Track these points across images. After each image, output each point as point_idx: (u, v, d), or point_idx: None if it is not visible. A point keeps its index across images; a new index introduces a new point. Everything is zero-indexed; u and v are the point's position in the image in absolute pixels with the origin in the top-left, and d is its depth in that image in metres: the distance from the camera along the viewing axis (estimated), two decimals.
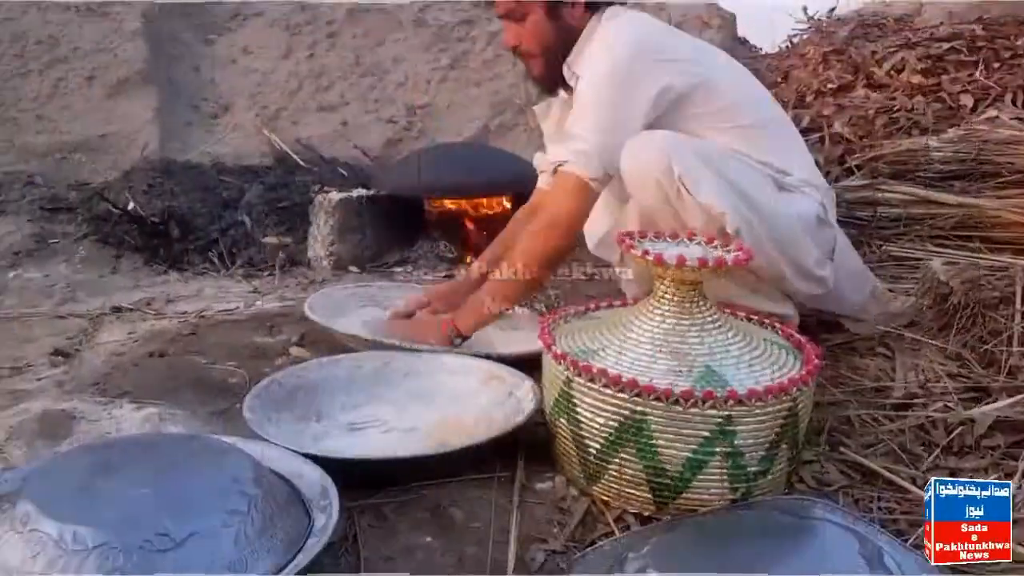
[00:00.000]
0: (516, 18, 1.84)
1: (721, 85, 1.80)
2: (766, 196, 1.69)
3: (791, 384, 1.27)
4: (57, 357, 1.98)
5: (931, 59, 3.35)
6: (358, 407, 1.62)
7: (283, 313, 2.23)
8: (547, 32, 1.83)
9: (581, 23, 1.83)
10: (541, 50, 1.85)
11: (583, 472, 1.34)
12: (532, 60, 1.89)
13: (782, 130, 1.90)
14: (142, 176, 3.23)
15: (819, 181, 1.87)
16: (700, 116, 1.76)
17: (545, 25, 1.82)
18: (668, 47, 1.81)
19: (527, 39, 1.85)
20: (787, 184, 1.77)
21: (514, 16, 1.84)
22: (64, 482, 1.09)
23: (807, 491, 1.37)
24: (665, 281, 1.36)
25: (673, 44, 1.85)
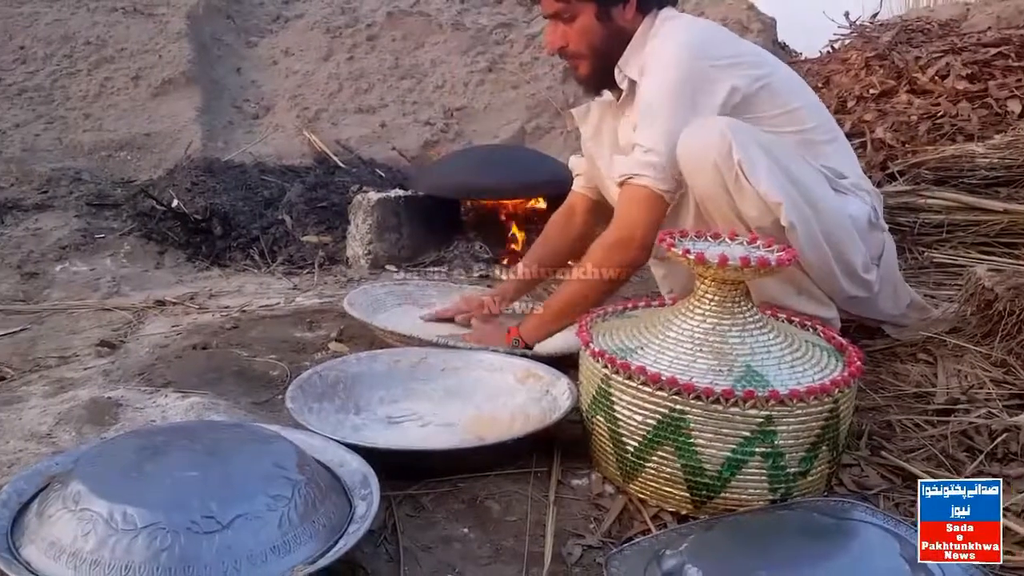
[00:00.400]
0: (564, 19, 1.80)
1: (781, 88, 1.78)
2: (822, 193, 1.67)
3: (833, 385, 1.26)
4: (103, 348, 2.02)
5: (977, 64, 3.30)
6: (396, 401, 1.64)
7: (322, 309, 2.26)
8: (597, 33, 1.79)
9: (632, 24, 1.80)
10: (590, 51, 1.82)
11: (620, 469, 1.34)
12: (579, 61, 1.85)
13: (835, 135, 1.88)
14: (186, 174, 3.29)
15: (869, 186, 1.85)
16: (760, 119, 1.72)
17: (595, 26, 1.79)
18: (731, 50, 1.79)
19: (575, 40, 1.81)
20: (841, 186, 1.75)
21: (562, 16, 1.80)
22: (114, 465, 1.11)
23: (847, 494, 1.36)
24: (706, 280, 1.36)
25: (735, 47, 1.83)
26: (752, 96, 1.73)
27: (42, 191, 3.32)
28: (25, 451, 1.45)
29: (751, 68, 1.75)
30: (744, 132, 1.60)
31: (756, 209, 1.57)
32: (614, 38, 1.80)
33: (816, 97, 1.92)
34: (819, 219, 1.62)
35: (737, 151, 1.55)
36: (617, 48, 1.81)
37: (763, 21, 4.52)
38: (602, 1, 1.77)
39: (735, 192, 1.58)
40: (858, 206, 1.75)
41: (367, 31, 4.53)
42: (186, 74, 4.16)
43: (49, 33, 4.37)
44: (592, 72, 1.86)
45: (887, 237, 1.85)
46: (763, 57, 1.85)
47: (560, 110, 4.00)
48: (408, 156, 3.85)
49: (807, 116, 1.79)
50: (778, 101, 1.76)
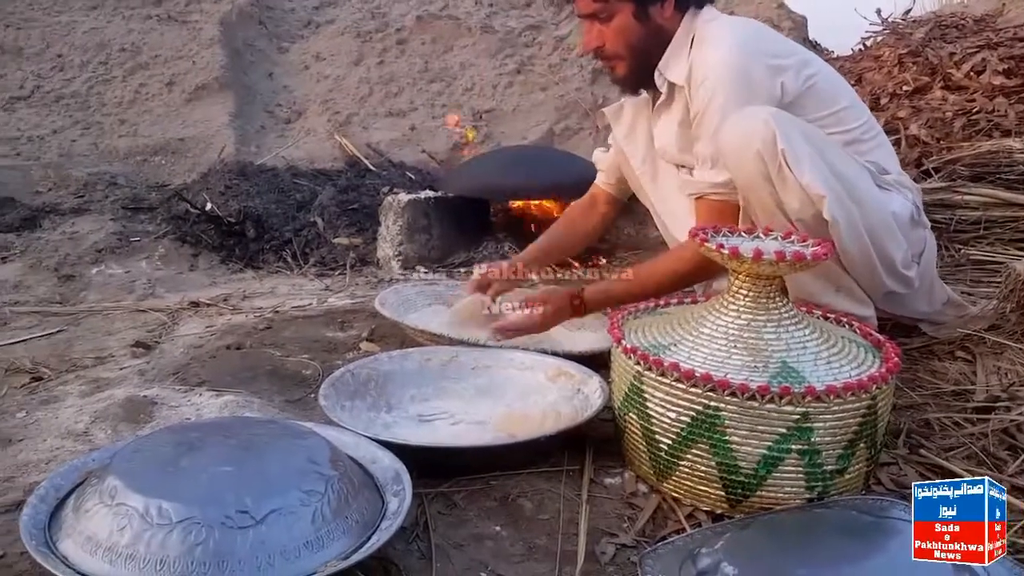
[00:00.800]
0: (601, 18, 1.77)
1: (827, 89, 1.76)
2: (866, 187, 1.64)
3: (870, 381, 1.24)
4: (138, 349, 2.04)
5: (1014, 59, 3.25)
6: (427, 399, 1.64)
7: (353, 310, 2.27)
8: (635, 32, 1.77)
9: (671, 23, 1.78)
10: (628, 51, 1.79)
11: (653, 468, 1.33)
12: (617, 61, 1.82)
13: (877, 132, 1.85)
14: (219, 178, 3.32)
15: (911, 183, 1.83)
16: (811, 121, 1.69)
17: (633, 25, 1.76)
18: (779, 49, 1.76)
19: (612, 40, 1.78)
20: (884, 182, 1.73)
21: (599, 16, 1.77)
22: (149, 460, 1.12)
23: (885, 492, 1.34)
24: (741, 276, 1.34)
25: (782, 47, 1.80)
26: (800, 97, 1.71)
27: (79, 195, 3.38)
28: (62, 448, 1.47)
29: (798, 68, 1.72)
30: (789, 122, 1.57)
31: (798, 201, 1.54)
32: (652, 38, 1.78)
33: (857, 96, 1.89)
34: (862, 214, 1.59)
35: (781, 140, 1.52)
36: (655, 48, 1.78)
37: (794, 19, 4.48)
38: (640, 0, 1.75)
39: (778, 182, 1.55)
40: (901, 202, 1.73)
41: (397, 35, 4.55)
42: (219, 79, 4.21)
43: (86, 41, 4.45)
44: (630, 72, 1.83)
45: (928, 234, 1.83)
46: (808, 56, 1.82)
47: (588, 111, 3.99)
48: (437, 158, 3.87)
49: (851, 116, 1.77)
50: (824, 101, 1.74)
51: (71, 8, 4.71)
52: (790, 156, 1.52)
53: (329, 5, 5.01)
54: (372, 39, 4.55)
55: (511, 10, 4.68)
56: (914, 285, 1.74)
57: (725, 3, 4.61)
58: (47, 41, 4.47)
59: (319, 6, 5.00)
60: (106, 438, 1.50)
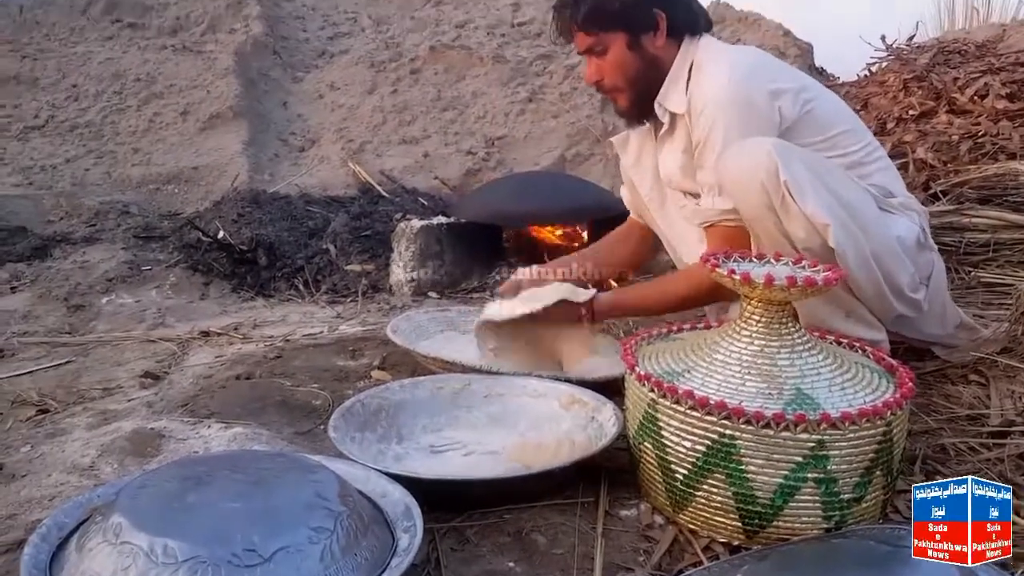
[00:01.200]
0: (598, 52, 1.80)
1: (824, 114, 1.76)
2: (871, 213, 1.64)
3: (885, 407, 1.22)
4: (147, 379, 2.04)
5: (1016, 84, 3.31)
6: (439, 429, 1.63)
7: (365, 337, 2.26)
8: (631, 63, 1.79)
9: (665, 53, 1.80)
10: (626, 83, 1.82)
11: (669, 499, 1.31)
12: (617, 94, 1.85)
13: (880, 155, 1.85)
14: (232, 206, 3.33)
15: (917, 205, 1.82)
16: (807, 146, 1.70)
17: (628, 56, 1.79)
18: (776, 76, 1.77)
19: (610, 73, 1.81)
20: (890, 205, 1.73)
21: (595, 51, 1.80)
22: (155, 496, 1.10)
23: (903, 521, 1.31)
24: (752, 301, 1.33)
25: (780, 73, 1.81)
26: (796, 123, 1.71)
27: (90, 224, 3.40)
28: (67, 484, 1.45)
29: (796, 93, 1.73)
30: (791, 152, 1.57)
31: (803, 230, 1.54)
32: (648, 68, 1.80)
33: (858, 120, 1.90)
34: (868, 239, 1.59)
35: (784, 172, 1.53)
36: (652, 78, 1.80)
37: (799, 47, 4.51)
38: (631, 29, 1.77)
39: (782, 213, 1.55)
40: (907, 226, 1.72)
41: (410, 65, 4.59)
42: (233, 108, 4.24)
43: (101, 71, 4.50)
44: (631, 104, 1.85)
45: (936, 257, 1.81)
46: (807, 82, 1.83)
47: (599, 138, 4.00)
48: (450, 185, 3.88)
49: (852, 140, 1.77)
50: (822, 125, 1.74)
51: (87, 39, 4.78)
52: (793, 186, 1.52)
53: (343, 35, 5.07)
54: (386, 69, 4.59)
55: (522, 40, 4.71)
56: (923, 308, 1.72)
57: (732, 32, 4.64)
58: (63, 71, 4.53)
59: (333, 36, 5.06)
60: (112, 472, 1.48)
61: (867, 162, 1.78)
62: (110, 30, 4.86)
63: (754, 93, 1.69)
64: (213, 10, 4.94)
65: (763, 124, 1.67)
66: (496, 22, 4.84)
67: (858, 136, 1.80)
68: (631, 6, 1.76)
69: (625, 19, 1.76)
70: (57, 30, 4.88)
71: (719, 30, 4.70)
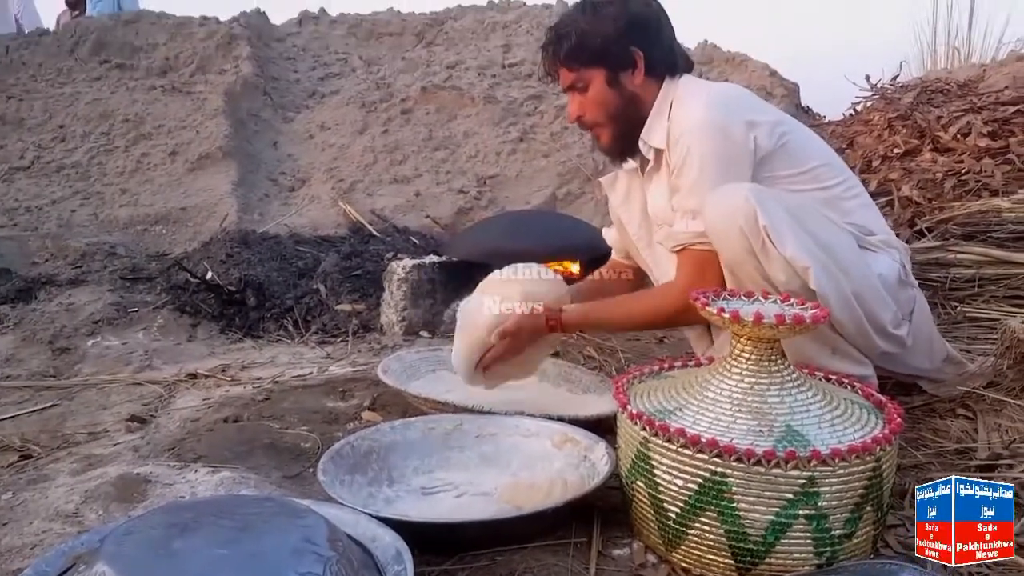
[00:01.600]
0: (579, 89, 1.85)
1: (800, 148, 1.79)
2: (849, 252, 1.66)
3: (875, 443, 1.23)
4: (133, 423, 2.02)
5: (997, 122, 3.38)
6: (430, 471, 1.62)
7: (355, 378, 2.25)
8: (610, 99, 1.83)
9: (644, 90, 1.83)
10: (607, 118, 1.86)
11: (662, 537, 1.30)
12: (598, 130, 1.89)
13: (858, 192, 1.88)
14: (220, 246, 3.32)
15: (897, 242, 1.85)
16: (783, 179, 1.74)
17: (608, 92, 1.83)
18: (753, 108, 1.81)
19: (591, 109, 1.85)
20: (869, 243, 1.75)
21: (577, 87, 1.85)
22: (141, 543, 1.08)
23: (894, 556, 1.31)
24: (742, 339, 1.33)
25: (757, 105, 1.85)
26: (770, 155, 1.74)
27: (76, 266, 3.38)
28: (49, 532, 1.43)
29: (771, 126, 1.76)
30: (769, 197, 1.60)
31: (784, 273, 1.57)
32: (627, 104, 1.84)
33: (836, 156, 1.93)
34: (849, 280, 1.61)
35: (763, 216, 1.56)
36: (633, 114, 1.84)
37: (786, 87, 4.57)
38: (610, 66, 1.81)
39: (762, 257, 1.58)
40: (888, 263, 1.74)
41: (401, 105, 4.62)
42: (222, 149, 4.25)
43: (88, 112, 4.51)
44: (613, 140, 1.89)
45: (918, 293, 1.84)
46: (781, 117, 1.87)
47: (590, 177, 4.03)
48: (442, 223, 3.89)
49: (827, 175, 1.80)
50: (796, 160, 1.77)
51: (74, 80, 4.79)
52: (772, 231, 1.55)
53: (334, 76, 5.11)
54: (377, 109, 4.62)
55: (513, 81, 4.76)
56: (907, 344, 1.74)
57: (720, 72, 4.71)
58: (49, 112, 4.54)
59: (324, 77, 5.09)
60: (97, 519, 1.46)
61: (846, 197, 1.80)
62: (98, 71, 4.88)
63: (730, 123, 1.72)
64: (203, 51, 4.97)
65: (738, 153, 1.70)
66: (487, 63, 4.90)
67: (836, 171, 1.83)
68: (610, 43, 1.80)
69: (604, 56, 1.81)
70: (44, 71, 4.90)
71: (707, 70, 4.76)
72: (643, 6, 1.84)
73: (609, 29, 1.79)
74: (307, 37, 5.48)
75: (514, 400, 1.90)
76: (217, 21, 5.25)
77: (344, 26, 5.53)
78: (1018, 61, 4.27)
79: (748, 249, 1.58)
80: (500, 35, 5.19)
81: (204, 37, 5.06)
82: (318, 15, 5.69)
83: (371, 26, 5.49)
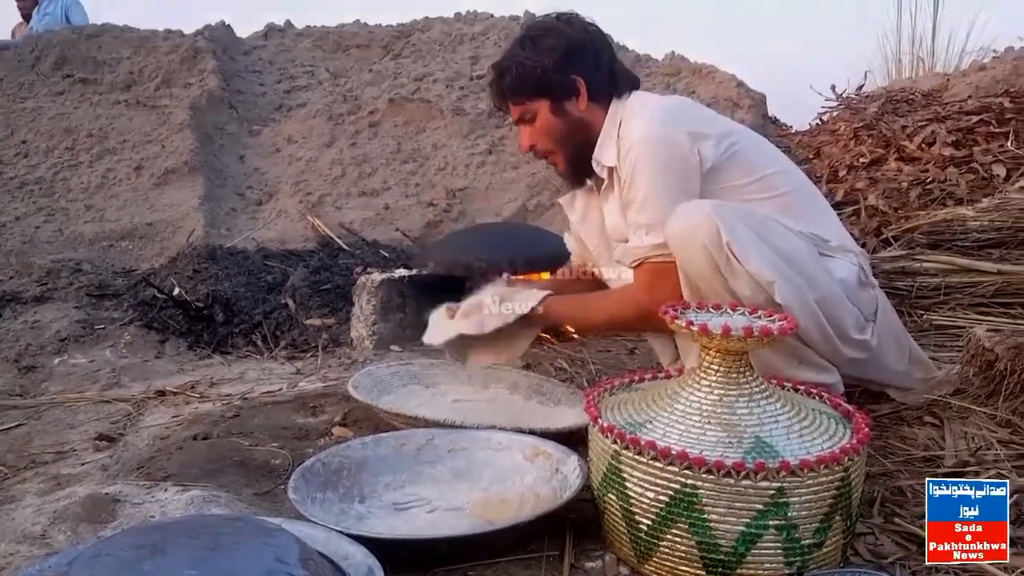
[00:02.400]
0: (527, 120, 1.89)
1: (751, 156, 1.82)
2: (811, 262, 1.69)
3: (843, 453, 1.24)
4: (102, 442, 1.99)
5: (961, 132, 3.44)
6: (402, 486, 1.61)
7: (326, 393, 2.23)
8: (557, 128, 1.88)
9: (591, 114, 1.87)
10: (557, 146, 1.91)
11: (634, 549, 1.31)
12: (552, 157, 1.94)
13: (815, 200, 1.92)
14: (187, 262, 3.30)
15: (854, 246, 1.88)
16: (733, 189, 1.77)
17: (553, 121, 1.87)
18: (700, 119, 1.85)
19: (541, 139, 1.90)
20: (827, 249, 1.78)
21: (525, 119, 1.90)
22: (110, 566, 1.07)
23: (863, 564, 1.33)
24: (711, 352, 1.35)
25: (704, 116, 1.90)
26: (719, 167, 1.77)
27: (41, 283, 3.33)
28: (16, 554, 1.40)
29: (717, 139, 1.78)
30: (730, 212, 1.63)
31: (749, 288, 1.59)
32: (574, 129, 1.88)
33: (788, 162, 1.97)
34: (812, 289, 1.64)
35: (725, 233, 1.59)
36: (581, 139, 1.88)
37: (752, 97, 4.62)
38: (553, 96, 1.86)
39: (727, 272, 1.60)
40: (847, 267, 1.77)
41: (369, 118, 4.61)
42: (189, 163, 4.21)
43: (51, 127, 4.46)
44: (567, 165, 1.94)
45: (879, 292, 1.87)
46: (729, 127, 1.90)
47: (559, 188, 4.04)
48: (412, 236, 3.88)
49: (779, 182, 1.82)
50: (747, 169, 1.80)
51: (36, 94, 4.73)
52: (736, 247, 1.58)
53: (301, 89, 5.08)
54: (344, 121, 4.60)
55: (481, 93, 4.76)
56: (871, 347, 1.76)
57: (687, 84, 4.75)
58: (11, 127, 4.48)
59: (291, 90, 5.07)
60: (65, 540, 1.43)
61: (800, 204, 1.83)
62: (61, 85, 4.83)
63: (674, 134, 1.75)
64: (167, 64, 4.93)
65: (684, 165, 1.74)
66: (455, 75, 4.90)
67: (788, 177, 1.86)
68: (551, 74, 1.84)
69: (546, 87, 1.85)
70: (5, 85, 4.83)
71: (674, 82, 4.80)
72: (581, 33, 1.88)
73: (547, 61, 1.83)
74: (273, 50, 5.45)
75: (485, 413, 1.90)
76: (181, 34, 5.21)
77: (310, 39, 5.51)
78: (981, 71, 4.35)
79: (713, 265, 1.61)
80: (468, 47, 5.20)
81: (168, 51, 5.02)
82: (284, 28, 5.66)
83: (338, 38, 5.47)
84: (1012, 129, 3.35)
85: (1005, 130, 3.36)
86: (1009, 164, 3.15)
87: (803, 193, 1.87)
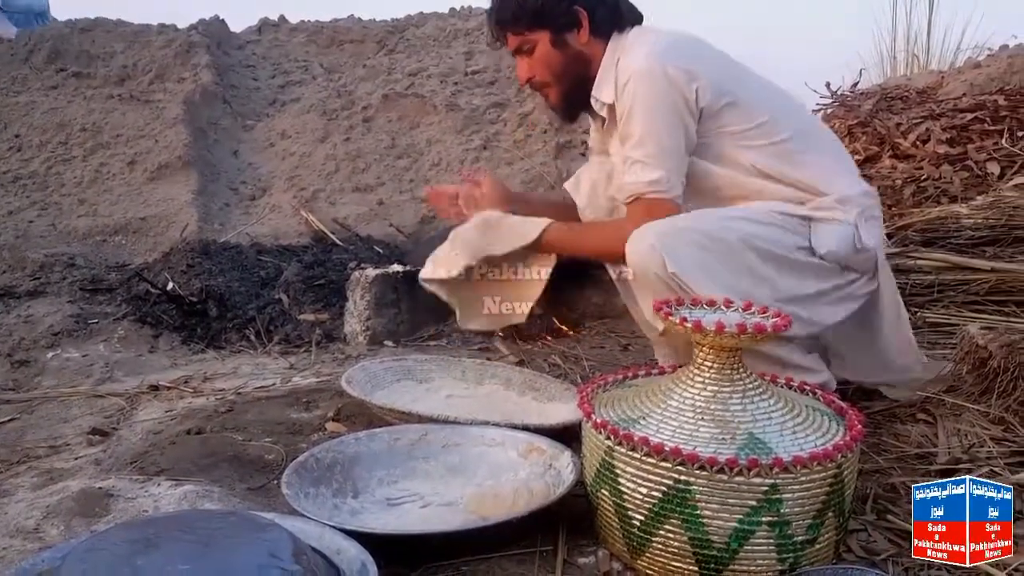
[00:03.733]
0: (526, 51, 1.89)
1: (752, 102, 1.81)
2: (771, 261, 1.69)
3: (836, 450, 1.25)
4: (95, 436, 1.98)
5: (955, 129, 3.43)
6: (395, 481, 1.61)
7: (319, 388, 2.23)
8: (556, 59, 1.88)
9: (591, 48, 1.87)
10: (553, 78, 1.90)
11: (627, 545, 1.31)
12: (548, 90, 1.94)
13: (817, 142, 1.88)
14: (181, 257, 3.28)
15: (858, 188, 1.84)
16: (733, 134, 1.78)
17: (553, 53, 1.87)
18: (699, 58, 1.82)
19: (539, 69, 1.90)
20: (819, 209, 1.76)
21: (523, 50, 1.89)
22: (103, 560, 1.07)
23: (856, 560, 1.33)
24: (704, 348, 1.35)
25: (704, 55, 1.86)
26: (717, 112, 1.77)
27: (35, 278, 3.31)
28: (9, 548, 1.40)
29: (717, 83, 1.77)
30: (675, 236, 1.64)
31: None
32: (574, 62, 1.88)
33: (793, 104, 1.95)
34: (773, 290, 1.66)
35: (671, 264, 1.61)
36: (580, 73, 1.88)
37: None
38: (555, 27, 1.85)
39: (684, 296, 1.60)
40: (836, 234, 1.74)
41: (363, 113, 4.59)
42: (182, 158, 4.19)
43: (45, 121, 4.43)
44: (561, 98, 1.94)
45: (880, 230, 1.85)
46: (729, 71, 1.86)
47: (553, 184, 4.04)
48: (406, 232, 3.87)
49: (777, 128, 1.80)
50: (746, 115, 1.79)
51: (29, 88, 4.70)
52: (683, 277, 1.61)
53: (295, 84, 5.06)
54: (338, 117, 4.59)
55: (476, 88, 4.75)
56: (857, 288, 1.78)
57: None
58: (4, 121, 4.45)
59: (284, 85, 5.04)
60: (59, 535, 1.43)
61: (798, 150, 1.80)
62: (54, 79, 4.80)
63: (670, 67, 1.75)
64: (161, 59, 4.91)
65: (679, 99, 1.74)
66: (449, 70, 4.89)
67: (788, 122, 1.83)
68: (552, 5, 1.84)
69: (547, 17, 1.85)
70: None
71: None
72: None
73: None
74: (267, 45, 5.43)
75: (479, 409, 1.90)
76: (175, 29, 5.18)
77: (304, 33, 5.49)
78: (975, 69, 4.36)
79: (670, 291, 1.63)
80: (462, 42, 5.19)
81: (162, 45, 4.99)
82: (278, 22, 5.64)
83: (332, 33, 5.45)
84: (1006, 127, 3.36)
85: (999, 128, 3.37)
86: (1003, 162, 3.17)
87: (805, 138, 1.84)
